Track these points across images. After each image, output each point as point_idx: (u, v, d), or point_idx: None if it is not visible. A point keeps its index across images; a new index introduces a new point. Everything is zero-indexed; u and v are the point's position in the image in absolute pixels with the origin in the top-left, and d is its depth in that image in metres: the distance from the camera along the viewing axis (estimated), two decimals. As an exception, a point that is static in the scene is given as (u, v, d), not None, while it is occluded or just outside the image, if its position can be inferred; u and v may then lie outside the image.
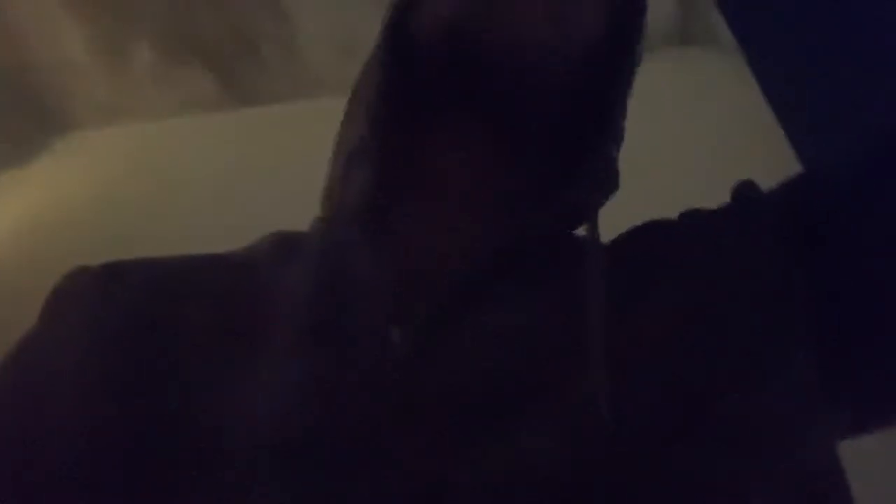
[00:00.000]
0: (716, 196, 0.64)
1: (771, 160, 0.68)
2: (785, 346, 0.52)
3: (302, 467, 0.48)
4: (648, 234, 0.59)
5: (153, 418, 0.51)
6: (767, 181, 0.62)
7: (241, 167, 2.08)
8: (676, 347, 0.51)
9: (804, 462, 0.50)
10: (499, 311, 0.52)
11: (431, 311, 0.52)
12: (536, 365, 0.51)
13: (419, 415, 0.49)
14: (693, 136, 2.14)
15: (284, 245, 0.60)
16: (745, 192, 0.59)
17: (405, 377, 0.50)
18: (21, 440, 0.52)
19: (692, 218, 0.59)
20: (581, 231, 0.58)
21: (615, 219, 0.64)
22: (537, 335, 0.52)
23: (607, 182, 0.58)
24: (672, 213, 0.65)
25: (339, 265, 0.55)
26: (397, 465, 0.48)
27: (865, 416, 0.55)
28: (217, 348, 0.53)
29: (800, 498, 0.50)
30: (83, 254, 0.66)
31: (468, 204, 0.55)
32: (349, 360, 0.51)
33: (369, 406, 0.50)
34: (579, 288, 0.52)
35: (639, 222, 0.62)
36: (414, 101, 0.56)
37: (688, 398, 0.49)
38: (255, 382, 0.51)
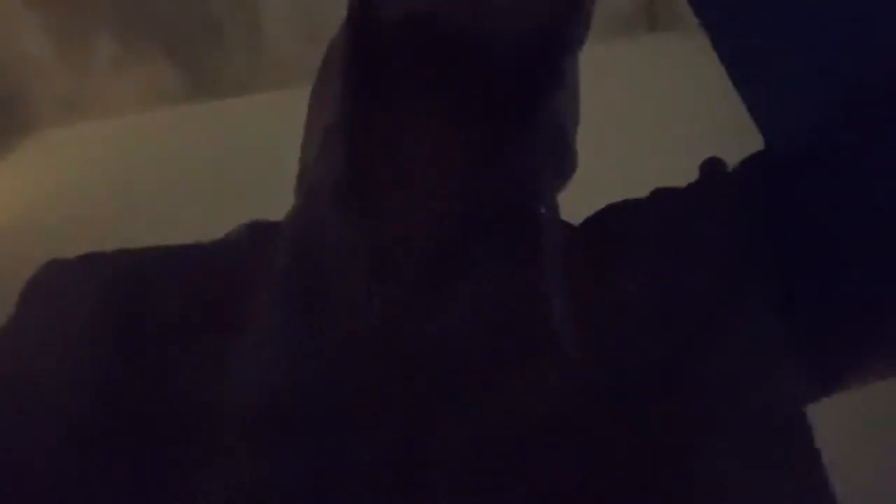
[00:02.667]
0: (684, 177, 0.65)
1: (737, 140, 0.69)
2: (749, 312, 0.53)
3: (282, 434, 0.49)
4: (618, 212, 0.60)
5: (136, 402, 0.51)
6: (733, 161, 0.64)
7: (208, 159, 2.07)
8: (646, 318, 0.53)
9: (769, 421, 0.52)
10: (468, 282, 0.54)
11: (406, 279, 0.53)
12: (506, 334, 0.52)
13: (394, 382, 0.50)
14: (661, 118, 2.16)
15: (260, 232, 0.61)
16: (711, 167, 0.60)
17: (381, 344, 0.51)
18: (1, 432, 0.52)
19: (660, 195, 0.61)
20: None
21: (585, 200, 0.64)
22: (505, 306, 0.53)
23: (558, 156, 0.60)
24: (642, 194, 0.66)
25: (316, 241, 0.56)
26: (371, 431, 0.49)
27: (834, 375, 0.57)
28: (197, 331, 0.53)
29: (765, 455, 0.51)
30: (52, 253, 0.65)
31: (434, 178, 0.57)
32: (327, 329, 0.52)
33: (347, 373, 0.51)
34: (540, 261, 0.54)
35: (603, 202, 0.64)
36: (379, 81, 0.57)
37: (657, 366, 0.51)
38: (235, 357, 0.52)
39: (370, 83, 0.57)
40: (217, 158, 2.04)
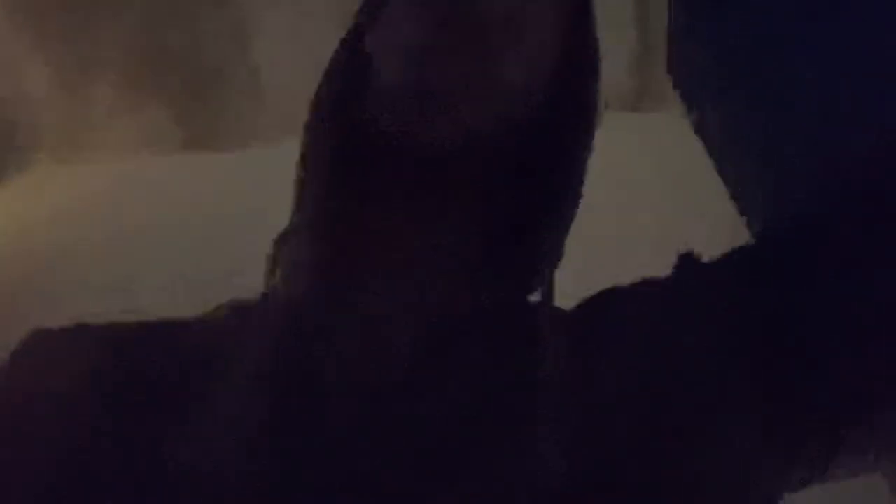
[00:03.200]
0: (666, 256, 0.65)
1: (719, 224, 0.69)
2: (728, 410, 0.54)
3: None
4: (603, 303, 0.60)
5: (114, 479, 0.52)
6: (714, 244, 0.64)
7: (197, 208, 2.09)
8: (624, 418, 0.53)
9: None
10: (451, 379, 0.54)
11: (386, 380, 0.53)
12: (490, 429, 0.52)
13: (374, 470, 0.50)
14: (644, 198, 2.18)
15: (240, 312, 0.60)
16: (687, 264, 0.60)
17: (360, 439, 0.51)
18: None
19: (643, 286, 0.60)
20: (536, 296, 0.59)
21: (566, 280, 0.65)
22: (492, 399, 0.53)
23: (555, 250, 0.59)
24: (623, 273, 0.65)
25: (293, 329, 0.56)
26: None
27: (811, 473, 0.57)
28: (170, 408, 0.54)
29: None
30: (39, 289, 0.66)
31: (421, 270, 0.56)
32: (304, 421, 0.52)
33: (321, 460, 0.51)
34: (532, 353, 0.54)
35: (590, 283, 0.63)
36: (363, 170, 0.56)
37: (633, 466, 0.51)
38: (205, 442, 0.52)
39: (353, 166, 0.56)
40: (207, 207, 2.06)
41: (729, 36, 0.63)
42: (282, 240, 0.61)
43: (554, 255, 0.59)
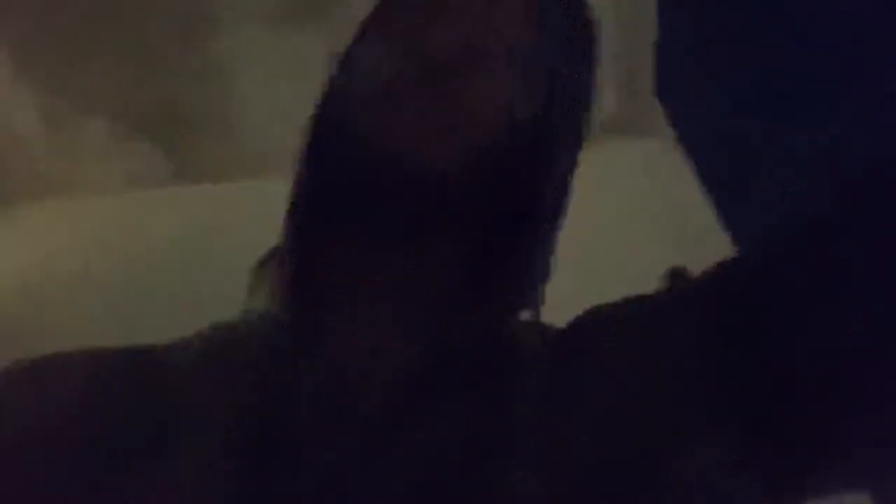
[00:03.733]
0: (654, 280, 0.65)
1: (705, 245, 0.69)
2: (708, 429, 0.53)
3: None
4: (588, 324, 0.60)
5: None
6: (701, 265, 0.64)
7: (185, 243, 2.09)
8: (607, 437, 0.53)
9: None
10: (431, 417, 0.53)
11: (364, 420, 0.53)
12: (466, 468, 0.51)
13: None
14: (631, 222, 2.20)
15: (217, 341, 0.61)
16: (676, 278, 0.60)
17: (337, 486, 0.51)
18: None
19: (629, 305, 0.60)
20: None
21: (556, 303, 0.65)
22: (468, 438, 0.53)
23: (538, 276, 0.59)
24: (613, 296, 0.65)
25: (269, 370, 0.56)
26: None
27: (791, 489, 0.56)
28: (135, 452, 0.53)
29: None
30: (28, 325, 0.66)
31: (397, 309, 0.56)
32: (275, 468, 0.51)
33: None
34: (511, 383, 0.54)
35: (578, 305, 0.63)
36: (338, 206, 0.57)
37: (613, 487, 0.51)
38: (176, 480, 0.52)
39: (329, 202, 0.56)
40: (194, 238, 2.07)
41: (713, 42, 0.63)
42: (261, 265, 0.62)
43: (539, 275, 0.59)
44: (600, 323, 0.59)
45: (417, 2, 0.57)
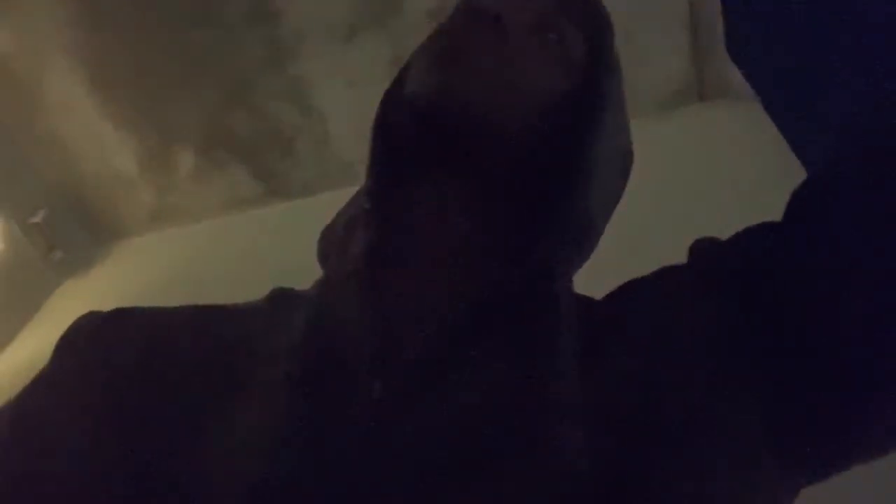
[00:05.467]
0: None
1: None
2: (729, 402, 0.53)
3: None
4: (622, 296, 0.61)
5: (146, 462, 0.52)
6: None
7: (284, 259, 2.17)
8: (636, 407, 0.53)
9: None
10: (476, 366, 0.54)
11: (412, 366, 0.54)
12: (511, 419, 0.52)
13: (395, 467, 0.50)
14: (715, 185, 2.16)
15: (282, 300, 0.63)
16: (701, 251, 0.61)
17: (383, 429, 0.51)
18: (24, 484, 0.54)
19: (661, 276, 0.61)
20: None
21: (633, 272, 0.67)
22: (512, 389, 0.53)
23: (579, 237, 0.61)
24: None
25: (331, 319, 0.57)
26: None
27: (812, 466, 0.55)
28: (210, 393, 0.55)
29: None
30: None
31: (448, 263, 0.59)
32: (331, 408, 0.53)
33: (347, 454, 0.51)
34: (550, 343, 0.54)
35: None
36: (404, 169, 0.60)
37: (642, 455, 0.51)
38: (242, 426, 0.53)
39: (397, 166, 0.60)
40: (291, 258, 2.14)
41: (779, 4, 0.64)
42: (326, 232, 0.65)
43: (573, 242, 0.60)
44: (637, 290, 0.60)
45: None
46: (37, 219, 2.85)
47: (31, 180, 2.92)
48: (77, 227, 3.05)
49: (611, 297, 0.61)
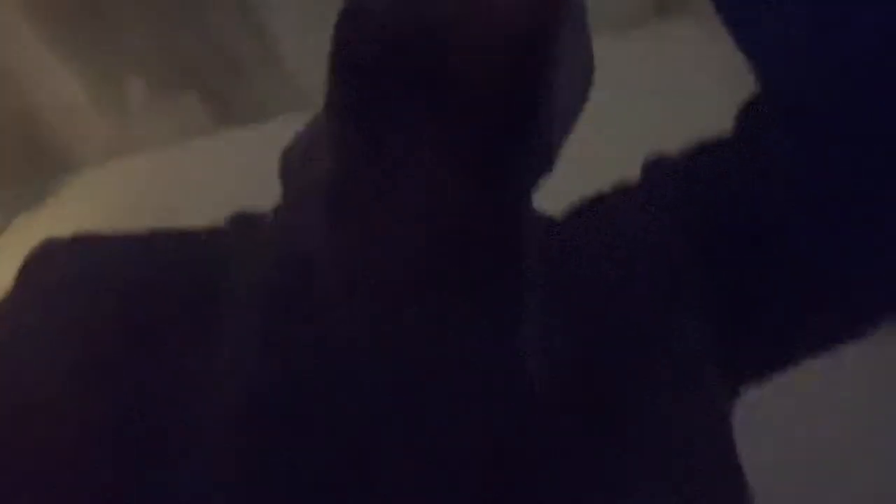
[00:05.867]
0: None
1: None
2: (676, 316, 0.55)
3: (262, 426, 0.50)
4: (577, 213, 0.62)
5: (127, 390, 0.51)
6: None
7: (239, 186, 2.14)
8: (588, 321, 0.55)
9: (697, 427, 0.54)
10: (443, 287, 0.55)
11: (381, 289, 0.55)
12: (475, 331, 0.54)
13: (364, 383, 0.52)
14: (673, 104, 2.17)
15: (244, 223, 0.63)
16: (650, 168, 0.62)
17: (357, 351, 0.53)
18: None
19: (612, 195, 0.62)
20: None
21: (590, 189, 0.67)
22: (477, 304, 0.55)
23: (543, 156, 0.61)
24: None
25: (298, 245, 0.57)
26: (341, 425, 0.50)
27: (756, 371, 0.58)
28: (184, 317, 0.55)
29: (685, 466, 0.52)
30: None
31: (415, 185, 0.58)
32: (302, 334, 0.53)
33: (320, 373, 0.52)
34: (513, 261, 0.56)
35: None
36: (366, 90, 0.59)
37: (596, 368, 0.53)
38: (215, 355, 0.53)
39: (359, 87, 0.59)
40: (246, 185, 2.11)
41: None
42: (286, 153, 0.65)
43: (545, 164, 0.61)
44: (595, 204, 0.62)
45: None
46: (-18, 154, 2.77)
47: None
48: (26, 160, 2.96)
49: (566, 214, 0.63)
